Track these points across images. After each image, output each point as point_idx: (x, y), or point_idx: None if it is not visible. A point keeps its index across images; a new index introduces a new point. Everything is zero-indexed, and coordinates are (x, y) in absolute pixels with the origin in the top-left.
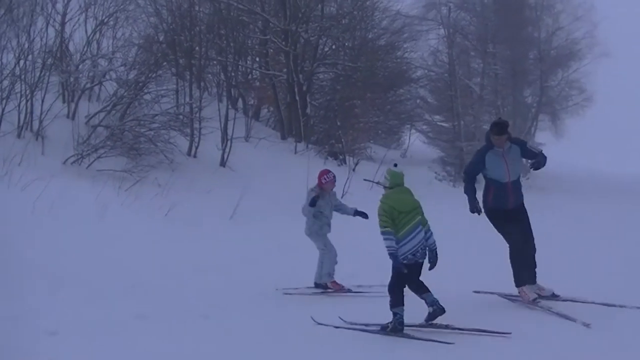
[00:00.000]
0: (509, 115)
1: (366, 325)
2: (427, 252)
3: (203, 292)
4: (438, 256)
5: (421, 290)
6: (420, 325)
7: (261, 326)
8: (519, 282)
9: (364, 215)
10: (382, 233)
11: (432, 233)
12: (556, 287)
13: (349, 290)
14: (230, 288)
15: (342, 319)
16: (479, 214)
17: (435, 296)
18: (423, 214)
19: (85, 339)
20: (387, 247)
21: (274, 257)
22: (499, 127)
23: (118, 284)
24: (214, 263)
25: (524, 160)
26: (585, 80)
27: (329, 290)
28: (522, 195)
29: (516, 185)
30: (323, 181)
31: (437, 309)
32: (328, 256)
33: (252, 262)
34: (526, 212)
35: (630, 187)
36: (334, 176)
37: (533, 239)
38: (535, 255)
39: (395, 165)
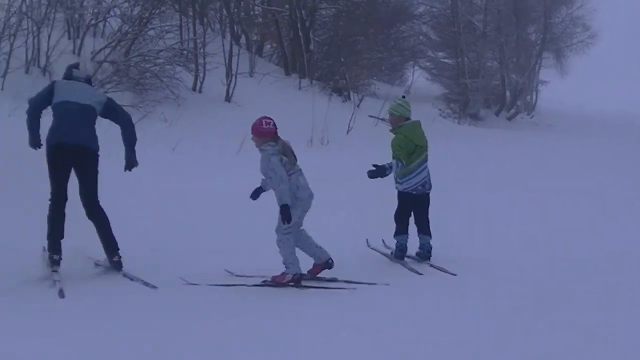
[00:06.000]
0: (513, 52)
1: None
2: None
3: (213, 227)
4: None
5: (420, 228)
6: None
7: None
8: None
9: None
10: (394, 159)
11: None
12: None
13: None
14: (239, 223)
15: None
16: None
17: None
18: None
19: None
20: (393, 168)
21: None
22: None
23: (127, 216)
24: (221, 197)
25: None
26: (590, 17)
27: None
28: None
29: None
30: None
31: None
32: None
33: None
34: None
35: (633, 125)
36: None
37: None
38: None
39: (404, 96)
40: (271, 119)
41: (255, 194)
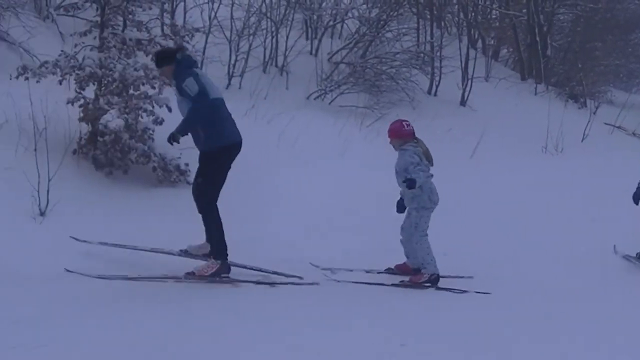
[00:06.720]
0: None
1: None
2: None
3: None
4: None
5: None
6: None
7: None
8: None
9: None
10: None
11: None
12: None
13: None
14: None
15: None
16: None
17: None
18: None
19: None
20: None
21: (516, 197)
22: None
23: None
24: (455, 202)
25: None
26: None
27: None
28: None
29: None
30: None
31: None
32: None
33: (491, 200)
34: None
35: None
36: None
37: None
38: None
39: None
40: (408, 122)
41: (400, 208)
